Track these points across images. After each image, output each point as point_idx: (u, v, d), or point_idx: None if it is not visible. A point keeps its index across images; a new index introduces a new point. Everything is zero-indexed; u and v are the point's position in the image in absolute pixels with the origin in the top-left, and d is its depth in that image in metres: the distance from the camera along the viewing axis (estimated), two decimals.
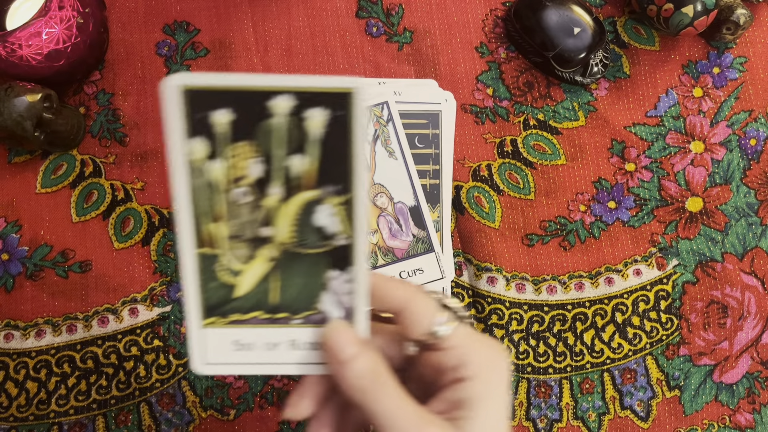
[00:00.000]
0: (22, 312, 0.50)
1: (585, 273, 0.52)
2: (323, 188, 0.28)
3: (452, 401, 0.28)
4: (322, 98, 0.27)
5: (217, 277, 0.29)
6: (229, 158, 0.28)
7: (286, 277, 0.30)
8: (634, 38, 0.56)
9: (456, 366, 0.29)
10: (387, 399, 0.27)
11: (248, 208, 0.29)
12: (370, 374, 0.28)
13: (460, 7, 0.55)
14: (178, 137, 0.27)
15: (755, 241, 0.53)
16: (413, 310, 0.30)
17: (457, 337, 0.29)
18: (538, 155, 0.53)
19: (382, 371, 0.28)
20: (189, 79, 0.26)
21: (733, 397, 0.51)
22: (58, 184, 0.51)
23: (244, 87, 0.27)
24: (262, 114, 0.27)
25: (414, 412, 0.27)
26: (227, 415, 0.49)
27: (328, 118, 0.27)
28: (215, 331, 0.29)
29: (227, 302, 0.29)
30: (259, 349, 0.30)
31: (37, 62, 0.47)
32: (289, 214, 0.29)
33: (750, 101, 0.55)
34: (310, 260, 0.29)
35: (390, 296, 0.30)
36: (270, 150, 0.28)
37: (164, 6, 0.54)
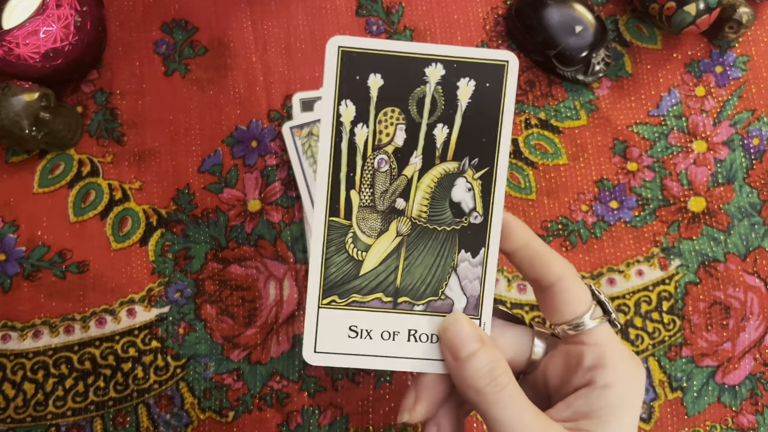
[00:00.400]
0: (20, 313, 0.49)
1: (587, 273, 0.52)
2: (463, 160, 0.27)
3: (581, 410, 0.26)
4: (474, 69, 0.27)
5: (345, 249, 0.28)
6: (376, 123, 0.27)
7: (413, 256, 0.28)
8: (636, 37, 0.55)
9: (593, 366, 0.26)
10: (507, 404, 0.25)
11: (386, 177, 0.28)
12: (490, 374, 0.25)
13: (460, 6, 0.55)
14: (331, 97, 0.27)
15: (758, 241, 0.53)
16: (566, 289, 0.27)
17: (602, 335, 0.26)
18: (540, 155, 0.53)
19: (504, 372, 0.26)
20: (347, 41, 0.26)
21: (735, 398, 0.51)
22: (56, 183, 0.51)
23: (400, 52, 0.27)
24: (413, 81, 0.27)
25: (536, 421, 0.25)
26: (226, 417, 0.49)
27: (476, 89, 0.27)
28: (332, 313, 0.27)
29: (350, 280, 0.28)
30: (376, 338, 0.27)
31: (34, 61, 0.47)
32: (425, 185, 0.28)
33: (753, 100, 0.54)
34: (441, 238, 0.28)
35: (547, 266, 0.27)
36: (416, 117, 0.28)
37: (162, 4, 0.54)
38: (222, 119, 0.53)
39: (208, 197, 0.51)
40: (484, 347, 0.26)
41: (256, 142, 0.52)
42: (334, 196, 0.27)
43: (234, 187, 0.51)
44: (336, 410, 0.49)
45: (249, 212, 0.51)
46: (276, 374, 0.49)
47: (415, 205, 0.28)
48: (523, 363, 0.29)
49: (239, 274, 0.50)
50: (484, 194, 0.27)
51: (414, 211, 0.28)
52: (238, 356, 0.49)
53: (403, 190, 0.28)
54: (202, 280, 0.50)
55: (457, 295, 0.28)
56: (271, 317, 0.50)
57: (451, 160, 0.28)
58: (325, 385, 0.49)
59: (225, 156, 0.52)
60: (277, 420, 0.49)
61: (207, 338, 0.49)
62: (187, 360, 0.49)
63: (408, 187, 0.28)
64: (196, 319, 0.49)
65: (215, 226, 0.51)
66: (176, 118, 0.52)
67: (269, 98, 0.53)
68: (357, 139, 0.27)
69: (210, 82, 0.53)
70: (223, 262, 0.50)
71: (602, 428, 0.25)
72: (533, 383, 0.29)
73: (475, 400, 0.25)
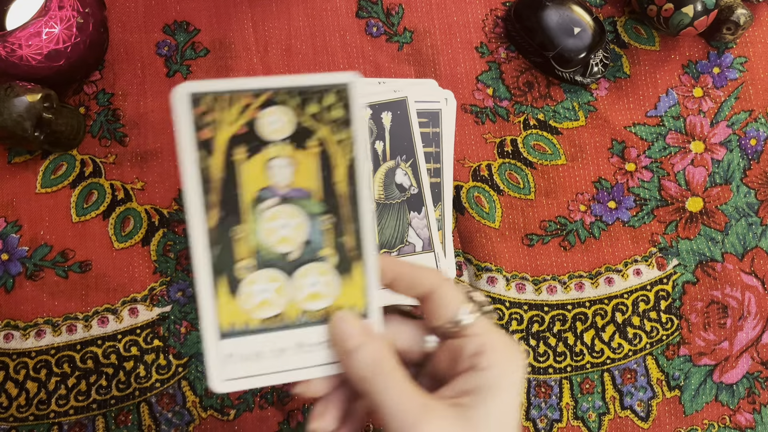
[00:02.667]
0: (22, 312, 0.49)
1: (585, 273, 0.52)
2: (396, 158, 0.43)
3: (463, 389, 0.28)
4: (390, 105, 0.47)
5: None
6: None
7: (382, 223, 0.41)
8: (634, 38, 0.55)
9: (474, 353, 0.29)
10: (390, 388, 0.27)
11: None
12: (374, 363, 0.28)
13: (460, 7, 0.55)
14: None
15: (755, 241, 0.53)
16: (441, 296, 0.30)
17: (479, 327, 0.29)
18: (538, 155, 0.53)
19: (388, 360, 0.28)
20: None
21: (733, 397, 0.51)
22: (58, 184, 0.51)
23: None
24: None
25: (417, 400, 0.27)
26: (227, 415, 0.49)
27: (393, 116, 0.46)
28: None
29: None
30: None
31: (37, 62, 0.47)
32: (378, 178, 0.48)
33: (750, 101, 0.55)
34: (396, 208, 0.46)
35: (419, 282, 0.30)
36: None
37: (164, 6, 0.54)
38: None
39: None
40: (368, 340, 0.29)
41: None
42: None
43: None
44: None
45: None
46: None
47: (375, 191, 0.47)
48: (419, 354, 0.31)
49: None
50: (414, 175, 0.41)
51: (376, 195, 0.47)
52: None
53: None
54: None
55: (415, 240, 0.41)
56: None
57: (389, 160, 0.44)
58: None
59: None
60: (278, 418, 0.49)
61: None
62: (189, 359, 0.49)
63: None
64: (197, 318, 0.50)
65: None
66: None
67: None
68: None
69: None
70: None
71: (481, 402, 0.27)
72: (430, 374, 0.31)
73: (363, 388, 0.28)
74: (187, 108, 0.28)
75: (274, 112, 0.30)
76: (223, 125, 0.29)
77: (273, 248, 0.30)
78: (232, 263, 0.30)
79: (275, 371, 0.30)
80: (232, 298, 0.30)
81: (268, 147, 0.30)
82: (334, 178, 0.31)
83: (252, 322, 0.30)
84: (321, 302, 0.31)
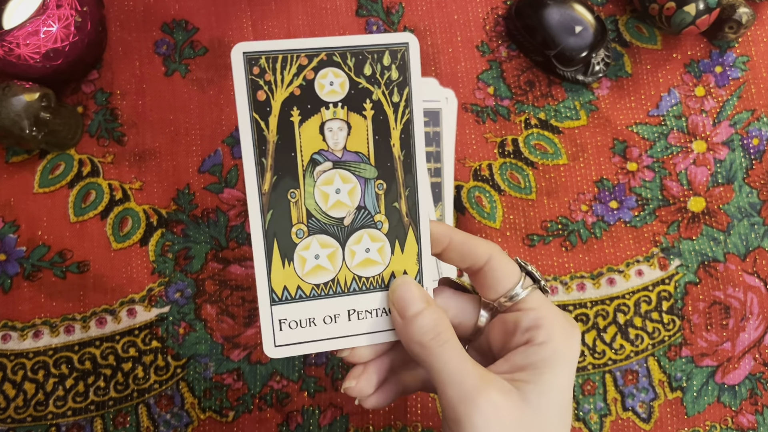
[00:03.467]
0: (20, 313, 0.49)
1: (587, 273, 0.52)
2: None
3: (519, 364, 0.28)
4: None
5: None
6: None
7: None
8: (635, 37, 0.55)
9: (530, 327, 0.28)
10: (449, 356, 0.27)
11: None
12: (434, 330, 0.28)
13: (460, 6, 0.55)
14: None
15: (758, 241, 0.53)
16: (495, 267, 0.29)
17: (535, 301, 0.29)
18: (540, 155, 0.53)
19: (446, 329, 0.28)
20: None
21: (735, 398, 0.51)
22: (56, 183, 0.51)
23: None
24: None
25: (475, 371, 0.27)
26: (226, 417, 0.49)
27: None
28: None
29: None
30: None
31: (34, 61, 0.47)
32: None
33: (752, 100, 0.54)
34: None
35: (473, 252, 0.30)
36: None
37: (163, 5, 0.54)
38: (222, 119, 0.53)
39: (208, 197, 0.51)
40: (429, 307, 0.28)
41: None
42: None
43: (234, 187, 0.51)
44: (336, 410, 0.49)
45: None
46: (276, 374, 0.49)
47: None
48: (471, 329, 0.31)
49: (239, 274, 0.50)
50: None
51: None
52: (238, 356, 0.49)
53: None
54: (202, 280, 0.50)
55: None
56: None
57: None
58: (325, 384, 0.49)
59: (225, 156, 0.52)
60: (277, 420, 0.49)
61: (207, 338, 0.49)
62: (188, 360, 0.49)
63: None
64: (196, 319, 0.49)
65: (215, 226, 0.51)
66: (176, 118, 0.52)
67: None
68: None
69: (210, 82, 0.53)
70: (224, 262, 0.50)
71: (537, 377, 0.27)
72: (479, 349, 0.31)
73: (420, 353, 0.28)
74: (242, 68, 0.27)
75: (329, 73, 0.29)
76: (278, 87, 0.29)
77: (327, 213, 0.30)
78: (286, 228, 0.30)
79: (327, 338, 0.30)
80: (286, 264, 0.30)
81: (323, 109, 0.30)
82: (389, 142, 0.30)
83: (305, 288, 0.30)
84: (374, 269, 0.31)
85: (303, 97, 0.29)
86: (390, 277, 0.30)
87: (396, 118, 0.30)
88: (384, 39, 0.29)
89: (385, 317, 0.31)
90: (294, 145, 0.29)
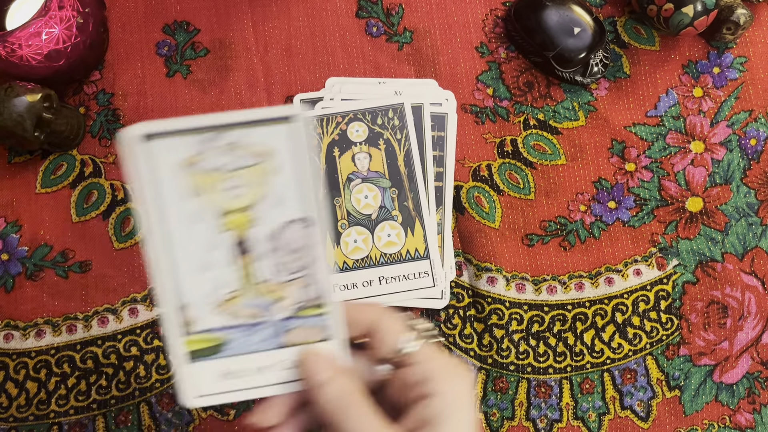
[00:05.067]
0: (22, 312, 0.49)
1: (585, 273, 0.52)
2: None
3: (420, 419, 0.29)
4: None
5: None
6: None
7: None
8: (634, 38, 0.55)
9: (420, 381, 0.30)
10: (358, 420, 0.28)
11: None
12: (341, 397, 0.29)
13: (460, 7, 0.55)
14: None
15: (755, 241, 0.53)
16: (382, 329, 0.31)
17: (422, 354, 0.30)
18: (538, 155, 0.53)
19: (355, 394, 0.29)
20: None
21: (733, 397, 0.51)
22: (58, 184, 0.51)
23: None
24: None
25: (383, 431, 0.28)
26: (227, 416, 0.49)
27: None
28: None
29: None
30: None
31: (37, 62, 0.47)
32: None
33: (750, 101, 0.55)
34: None
35: (360, 319, 0.31)
36: None
37: (164, 6, 0.54)
38: None
39: None
40: (337, 374, 0.30)
41: None
42: None
43: None
44: None
45: None
46: None
47: None
48: (374, 384, 0.32)
49: None
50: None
51: None
52: None
53: None
54: None
55: None
56: None
57: None
58: None
59: None
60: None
61: None
62: None
63: None
64: None
65: None
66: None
67: (270, 99, 0.53)
68: None
69: (211, 83, 0.53)
70: None
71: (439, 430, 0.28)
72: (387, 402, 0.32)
73: (332, 420, 0.29)
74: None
75: (356, 125, 0.50)
76: (324, 136, 0.50)
77: (360, 211, 0.49)
78: (334, 222, 0.48)
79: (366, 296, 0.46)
80: (335, 246, 0.49)
81: (353, 146, 0.50)
82: (396, 164, 0.50)
83: (349, 262, 0.48)
84: (394, 248, 0.49)
85: (340, 141, 0.50)
86: (405, 254, 0.49)
87: (400, 148, 0.50)
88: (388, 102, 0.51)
89: (410, 281, 0.49)
90: (336, 169, 0.49)
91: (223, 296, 0.30)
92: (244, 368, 0.31)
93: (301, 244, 0.30)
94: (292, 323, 0.30)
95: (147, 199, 0.28)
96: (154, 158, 0.28)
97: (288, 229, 0.30)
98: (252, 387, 0.31)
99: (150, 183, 0.28)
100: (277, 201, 0.29)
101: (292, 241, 0.30)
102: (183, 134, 0.28)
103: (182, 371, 0.30)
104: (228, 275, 0.30)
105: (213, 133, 0.28)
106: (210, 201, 0.29)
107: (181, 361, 0.30)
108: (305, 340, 0.31)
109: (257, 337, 0.30)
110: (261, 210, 0.29)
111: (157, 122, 0.28)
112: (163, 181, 0.28)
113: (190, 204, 0.29)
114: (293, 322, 0.30)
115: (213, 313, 0.30)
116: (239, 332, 0.30)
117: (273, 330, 0.30)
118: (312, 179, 0.29)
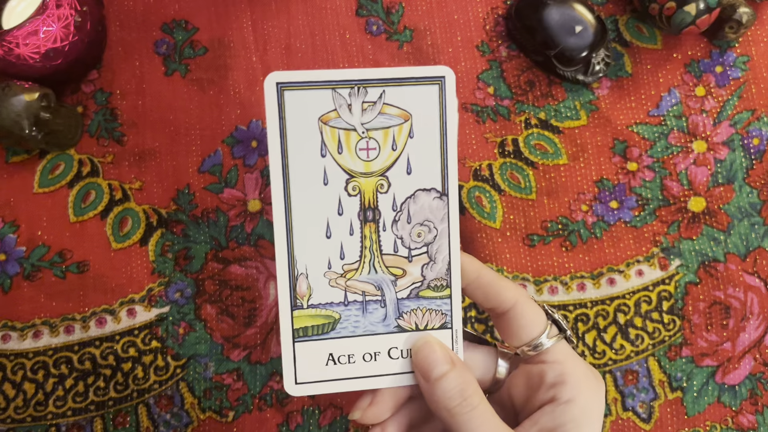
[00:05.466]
0: (20, 313, 0.49)
1: (587, 273, 0.52)
2: None
3: (547, 426, 0.26)
4: None
5: None
6: None
7: None
8: (636, 37, 0.55)
9: (555, 383, 0.27)
10: (477, 423, 0.26)
11: None
12: (461, 395, 0.26)
13: (460, 6, 0.55)
14: None
15: (758, 241, 0.53)
16: (520, 314, 0.28)
17: (560, 352, 0.27)
18: (540, 155, 0.53)
19: (474, 392, 0.26)
20: None
21: (735, 398, 0.51)
22: (56, 183, 0.51)
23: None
24: None
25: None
26: (226, 417, 0.49)
27: None
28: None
29: None
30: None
31: (34, 61, 0.47)
32: None
33: (753, 100, 0.54)
34: None
35: (500, 295, 0.28)
36: None
37: (162, 4, 0.54)
38: (222, 119, 0.53)
39: (208, 197, 0.51)
40: (454, 369, 0.27)
41: (256, 142, 0.52)
42: None
43: (234, 187, 0.51)
44: (336, 410, 0.49)
45: (249, 212, 0.51)
46: (276, 374, 0.49)
47: None
48: (489, 382, 0.29)
49: (239, 274, 0.50)
50: None
51: None
52: (238, 356, 0.49)
53: None
54: (202, 280, 0.50)
55: None
56: (271, 317, 0.50)
57: None
58: None
59: (225, 156, 0.52)
60: (277, 420, 0.49)
61: (207, 338, 0.49)
62: (187, 360, 0.49)
63: None
64: (196, 319, 0.49)
65: (215, 226, 0.51)
66: (176, 118, 0.52)
67: None
68: None
69: (210, 82, 0.53)
70: (223, 262, 0.50)
71: None
72: (500, 401, 0.29)
73: (447, 420, 0.26)
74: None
75: None
76: None
77: None
78: None
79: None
80: None
81: None
82: None
83: None
84: None
85: None
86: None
87: None
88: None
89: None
90: None
91: (341, 268, 0.27)
92: (353, 353, 0.28)
93: (430, 217, 0.27)
94: (410, 304, 0.28)
95: (278, 152, 0.26)
96: (294, 109, 0.26)
97: (418, 198, 0.27)
98: (359, 376, 0.28)
99: (285, 135, 0.26)
100: (410, 167, 0.27)
101: (421, 213, 0.27)
102: (324, 86, 0.26)
103: (288, 351, 0.28)
104: (349, 245, 0.27)
105: (355, 89, 0.26)
106: (341, 161, 0.27)
107: (288, 338, 0.28)
108: (423, 326, 0.28)
109: (371, 317, 0.28)
110: (392, 175, 0.27)
111: (303, 72, 0.26)
112: (298, 135, 0.26)
113: (320, 162, 0.27)
114: (412, 302, 0.28)
115: (328, 286, 0.27)
116: (353, 310, 0.28)
117: (389, 311, 0.28)
118: (451, 147, 0.27)
